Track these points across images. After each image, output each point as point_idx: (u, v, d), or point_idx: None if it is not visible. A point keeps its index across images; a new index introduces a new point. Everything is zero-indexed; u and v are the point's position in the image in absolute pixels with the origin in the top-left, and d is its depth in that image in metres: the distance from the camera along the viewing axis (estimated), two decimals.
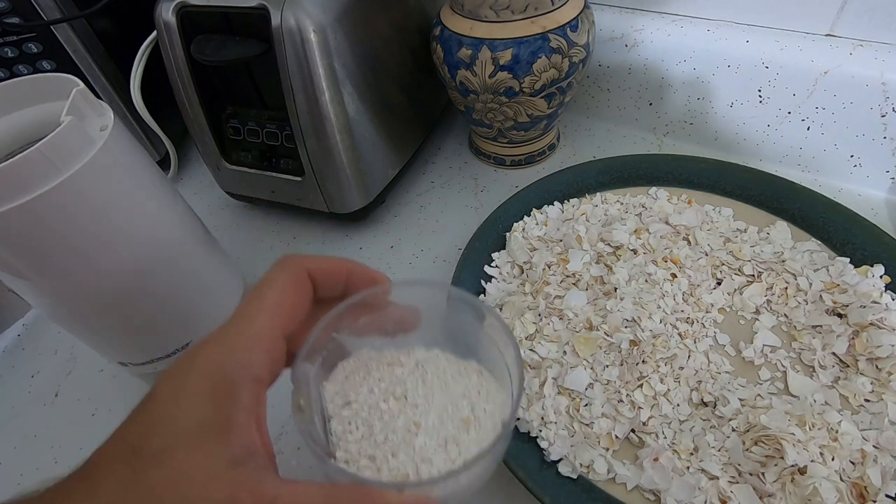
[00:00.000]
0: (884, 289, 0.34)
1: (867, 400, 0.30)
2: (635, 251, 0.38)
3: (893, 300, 0.33)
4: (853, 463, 0.27)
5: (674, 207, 0.41)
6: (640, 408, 0.30)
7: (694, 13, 0.47)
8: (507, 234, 0.42)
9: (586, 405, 0.31)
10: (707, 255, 0.38)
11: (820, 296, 0.34)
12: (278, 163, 0.45)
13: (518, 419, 0.31)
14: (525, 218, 0.43)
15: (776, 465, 0.27)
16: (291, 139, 0.41)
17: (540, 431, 0.30)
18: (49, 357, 0.43)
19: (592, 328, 0.34)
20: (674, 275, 0.36)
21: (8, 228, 0.24)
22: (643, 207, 0.42)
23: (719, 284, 0.37)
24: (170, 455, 0.16)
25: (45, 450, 0.37)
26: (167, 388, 0.17)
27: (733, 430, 0.29)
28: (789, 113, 0.45)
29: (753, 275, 0.37)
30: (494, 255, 0.41)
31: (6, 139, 0.28)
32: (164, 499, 0.15)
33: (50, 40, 0.45)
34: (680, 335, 0.34)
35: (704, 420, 0.30)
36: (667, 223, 0.40)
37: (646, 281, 0.36)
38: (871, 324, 0.32)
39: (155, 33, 0.41)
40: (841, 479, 0.26)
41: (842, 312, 0.33)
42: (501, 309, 0.37)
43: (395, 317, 0.24)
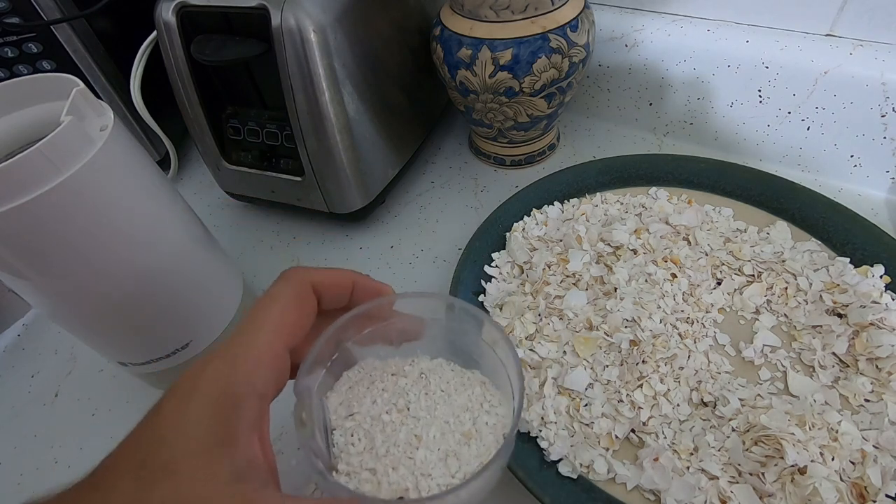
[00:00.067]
0: (884, 289, 0.34)
1: (867, 400, 0.30)
2: (635, 251, 0.38)
3: (893, 300, 0.33)
4: (853, 463, 0.27)
5: (674, 207, 0.41)
6: (640, 408, 0.30)
7: (694, 13, 0.47)
8: (507, 234, 0.42)
9: (586, 405, 0.31)
10: (707, 255, 0.38)
11: (820, 296, 0.34)
12: (278, 163, 0.45)
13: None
14: (525, 218, 0.43)
15: (776, 465, 0.27)
16: (291, 139, 0.41)
17: (540, 431, 0.30)
18: (49, 357, 0.43)
19: (592, 328, 0.34)
20: (674, 275, 0.36)
21: (8, 228, 0.24)
22: (643, 207, 0.42)
23: (719, 284, 0.37)
24: (174, 470, 0.16)
25: (45, 450, 0.37)
26: (172, 403, 0.18)
27: (733, 430, 0.29)
28: (789, 113, 0.45)
29: (753, 275, 0.37)
30: (494, 255, 0.41)
31: (6, 139, 0.28)
32: None
33: (50, 40, 0.45)
34: (680, 335, 0.34)
35: (704, 420, 0.30)
36: (667, 223, 0.40)
37: (646, 281, 0.36)
38: (871, 324, 0.32)
39: (155, 33, 0.41)
40: (841, 479, 0.26)
41: (842, 312, 0.33)
42: (501, 309, 0.37)
43: (400, 327, 0.24)
